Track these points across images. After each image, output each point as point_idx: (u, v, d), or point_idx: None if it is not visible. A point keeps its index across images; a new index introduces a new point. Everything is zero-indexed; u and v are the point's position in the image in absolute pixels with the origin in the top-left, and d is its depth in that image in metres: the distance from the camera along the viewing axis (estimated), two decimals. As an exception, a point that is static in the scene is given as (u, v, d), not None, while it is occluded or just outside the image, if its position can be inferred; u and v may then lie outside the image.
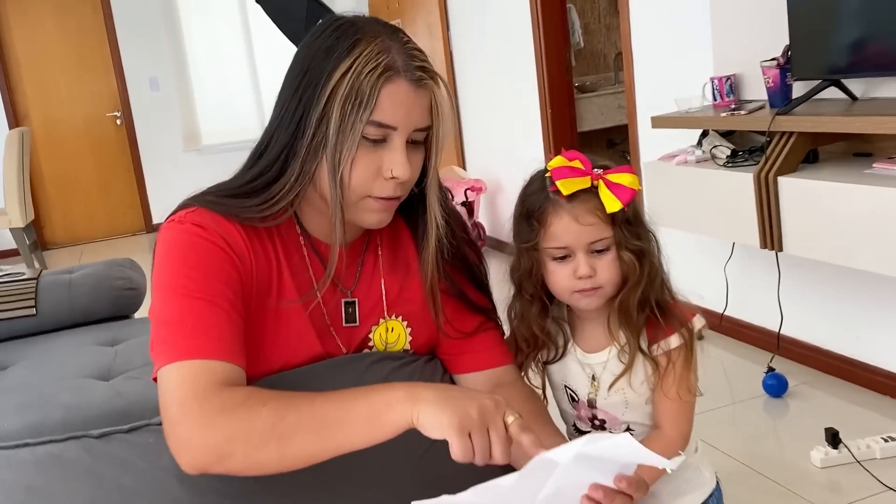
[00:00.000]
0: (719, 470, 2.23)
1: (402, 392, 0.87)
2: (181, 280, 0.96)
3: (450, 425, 0.84)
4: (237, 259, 1.00)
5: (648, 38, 3.33)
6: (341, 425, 0.87)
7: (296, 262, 1.08)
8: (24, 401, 1.98)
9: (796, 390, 2.64)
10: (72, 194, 7.07)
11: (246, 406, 0.88)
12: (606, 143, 4.95)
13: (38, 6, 6.80)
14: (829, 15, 2.33)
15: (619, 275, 1.09)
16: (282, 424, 0.86)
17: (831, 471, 2.16)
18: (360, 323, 1.12)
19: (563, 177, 1.06)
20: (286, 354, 1.05)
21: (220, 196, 1.04)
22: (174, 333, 0.93)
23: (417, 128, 1.02)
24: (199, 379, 0.89)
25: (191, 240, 0.99)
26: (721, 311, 3.12)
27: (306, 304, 1.06)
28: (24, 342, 2.43)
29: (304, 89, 1.00)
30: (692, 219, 2.75)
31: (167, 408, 0.90)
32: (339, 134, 0.98)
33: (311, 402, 0.89)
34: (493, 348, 1.19)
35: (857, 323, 2.59)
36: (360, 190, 1.01)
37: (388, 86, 0.98)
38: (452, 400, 0.86)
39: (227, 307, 0.96)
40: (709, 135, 2.75)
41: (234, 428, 0.86)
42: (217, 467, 0.87)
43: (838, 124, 2.19)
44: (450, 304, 1.16)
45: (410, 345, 1.16)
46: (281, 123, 1.03)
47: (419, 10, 5.45)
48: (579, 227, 1.06)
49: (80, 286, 2.56)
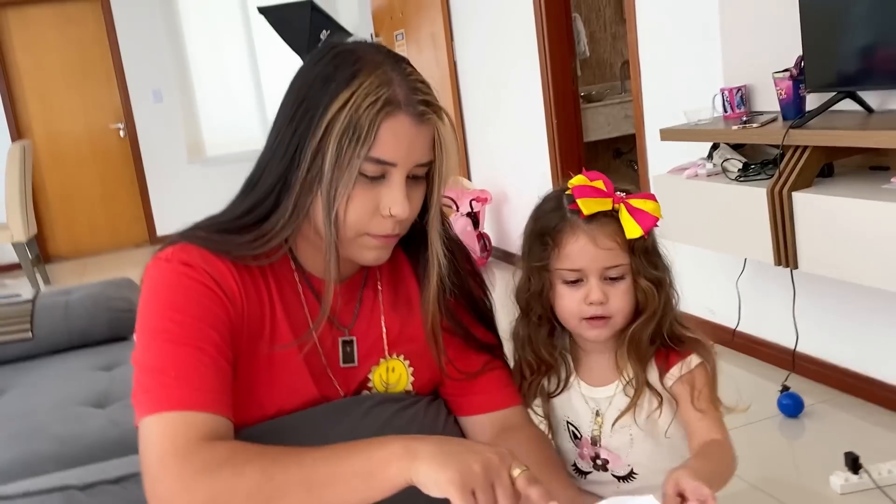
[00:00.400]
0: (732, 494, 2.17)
1: (398, 447, 0.82)
2: (165, 324, 0.91)
3: (451, 483, 0.78)
4: (227, 300, 0.94)
5: (656, 47, 3.27)
6: (333, 484, 0.81)
7: (290, 301, 1.01)
8: (16, 431, 1.93)
9: (813, 410, 2.57)
10: (75, 207, 7.03)
11: (230, 464, 0.82)
12: (613, 152, 4.88)
13: (40, 18, 6.78)
14: (843, 25, 2.26)
15: (631, 305, 1.04)
16: (269, 485, 0.81)
17: (851, 497, 2.08)
18: (358, 363, 1.06)
19: (585, 196, 1.01)
20: (280, 399, 0.99)
21: (211, 231, 0.98)
22: (156, 382, 0.88)
23: (418, 163, 0.96)
24: (181, 433, 0.84)
25: (177, 280, 0.93)
26: (733, 327, 3.04)
27: (301, 345, 1.00)
28: (19, 366, 2.38)
29: (300, 120, 0.94)
30: (703, 234, 2.68)
31: (148, 463, 0.85)
32: (334, 170, 0.92)
33: (300, 459, 0.83)
34: (500, 389, 1.12)
35: (876, 341, 2.52)
36: (356, 228, 0.95)
37: (388, 121, 0.92)
38: (453, 455, 0.81)
39: (213, 353, 0.90)
40: (720, 147, 2.68)
41: (218, 490, 0.81)
42: None
43: (855, 138, 2.12)
44: (453, 344, 1.09)
45: (412, 385, 1.10)
46: (275, 154, 0.97)
47: (423, 20, 5.40)
48: (596, 249, 1.01)
49: (76, 308, 2.51)
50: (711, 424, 1.03)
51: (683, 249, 3.18)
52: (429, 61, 5.41)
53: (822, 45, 2.31)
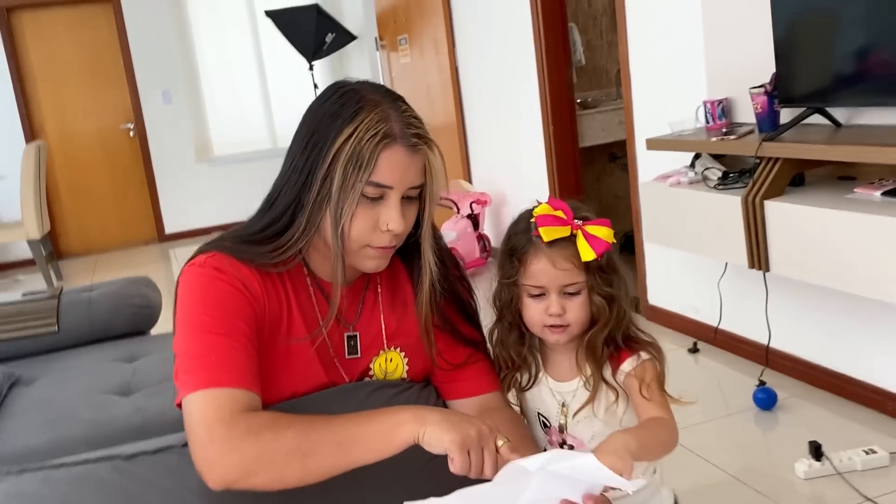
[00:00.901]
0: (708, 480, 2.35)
1: (409, 414, 1.02)
2: (202, 318, 1.08)
3: (453, 442, 0.99)
4: (253, 299, 1.12)
5: (645, 59, 3.44)
6: (357, 442, 1.01)
7: (304, 302, 1.20)
8: (49, 417, 2.10)
9: (786, 403, 2.74)
10: (86, 205, 7.23)
11: (271, 428, 1.01)
12: (608, 156, 5.04)
13: (53, 21, 6.97)
14: (813, 45, 2.43)
15: (587, 315, 1.21)
16: (305, 443, 1.00)
17: (814, 482, 2.26)
18: (361, 354, 1.24)
19: (546, 224, 1.17)
20: (295, 384, 1.17)
21: (236, 242, 1.16)
22: (197, 365, 1.05)
23: (411, 186, 1.13)
24: (223, 405, 1.02)
25: (211, 282, 1.11)
26: (715, 325, 3.22)
27: (314, 339, 1.18)
28: (46, 358, 2.56)
29: (311, 149, 1.12)
30: (685, 238, 2.85)
31: (195, 431, 1.02)
32: (341, 192, 1.10)
33: (330, 423, 1.02)
34: (482, 377, 1.30)
35: (845, 339, 2.69)
36: (359, 240, 1.13)
37: (386, 151, 1.10)
38: (455, 422, 1.01)
39: (244, 342, 1.08)
40: (701, 156, 2.86)
41: (262, 449, 0.99)
42: (243, 484, 1.00)
43: (822, 152, 2.30)
44: (442, 339, 1.27)
45: (407, 374, 1.28)
46: (290, 179, 1.15)
47: (426, 26, 5.57)
48: (555, 270, 1.18)
49: (99, 304, 2.69)
50: (656, 406, 1.18)
51: (670, 253, 3.38)
52: (431, 66, 5.57)
53: (794, 63, 2.48)
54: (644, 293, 3.68)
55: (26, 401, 2.22)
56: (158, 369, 2.34)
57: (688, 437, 2.59)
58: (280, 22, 6.82)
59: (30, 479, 1.15)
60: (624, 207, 4.58)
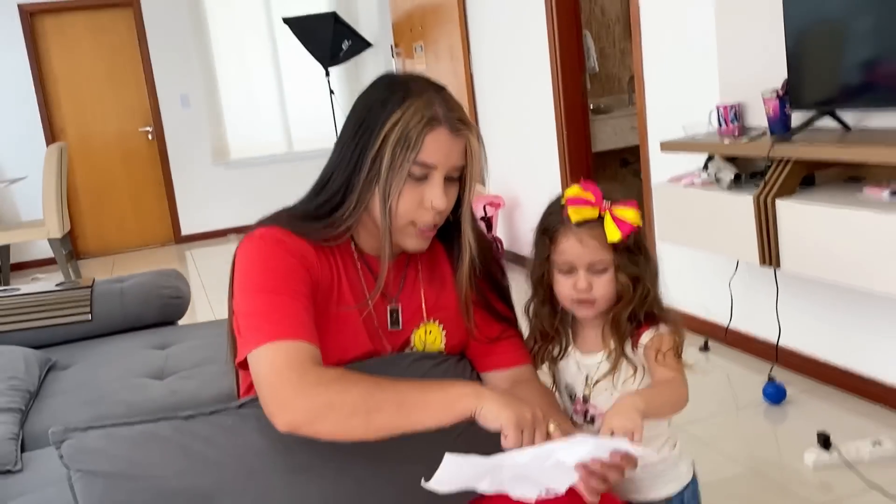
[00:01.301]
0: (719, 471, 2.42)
1: (470, 388, 1.11)
2: (264, 281, 1.17)
3: (508, 420, 1.06)
4: (309, 267, 1.22)
5: (659, 65, 3.54)
6: (419, 408, 1.08)
7: (352, 275, 1.29)
8: (87, 398, 2.20)
9: (794, 398, 2.82)
10: (105, 206, 7.35)
11: (340, 381, 1.09)
12: (620, 162, 5.14)
13: (74, 26, 7.10)
14: (824, 51, 2.53)
15: (613, 292, 1.29)
16: (371, 400, 1.07)
17: (823, 472, 2.34)
18: (402, 327, 1.33)
19: (576, 205, 1.26)
20: (342, 350, 1.26)
21: (292, 219, 1.26)
22: (263, 321, 1.14)
23: (454, 167, 1.23)
24: (293, 355, 1.10)
25: (271, 249, 1.20)
26: (726, 325, 3.30)
27: (360, 310, 1.27)
28: (80, 345, 2.66)
29: (362, 134, 1.21)
30: (698, 237, 2.94)
31: (266, 377, 1.10)
32: (389, 171, 1.19)
33: (396, 385, 1.10)
34: (514, 351, 1.39)
35: (854, 335, 2.77)
36: (405, 217, 1.23)
37: (431, 133, 1.19)
38: (512, 402, 1.09)
39: (304, 302, 1.17)
40: (714, 159, 2.94)
41: (330, 398, 1.07)
42: (309, 428, 1.07)
43: (832, 152, 2.38)
44: (478, 314, 1.37)
45: (445, 346, 1.37)
46: (341, 161, 1.24)
47: (441, 34, 5.68)
48: (582, 248, 1.26)
49: (131, 294, 2.79)
50: (668, 370, 1.26)
51: (682, 253, 3.46)
52: (446, 72, 5.68)
53: (805, 69, 2.57)
54: (656, 294, 3.75)
55: (64, 383, 2.32)
56: (191, 355, 2.43)
57: (698, 429, 2.68)
58: (297, 29, 6.93)
59: (94, 435, 1.23)
60: (636, 212, 4.67)
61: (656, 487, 1.38)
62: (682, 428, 2.69)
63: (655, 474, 1.38)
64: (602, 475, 1.07)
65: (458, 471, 1.05)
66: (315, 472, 1.20)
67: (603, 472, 1.07)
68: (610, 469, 1.07)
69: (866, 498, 2.20)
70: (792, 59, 2.59)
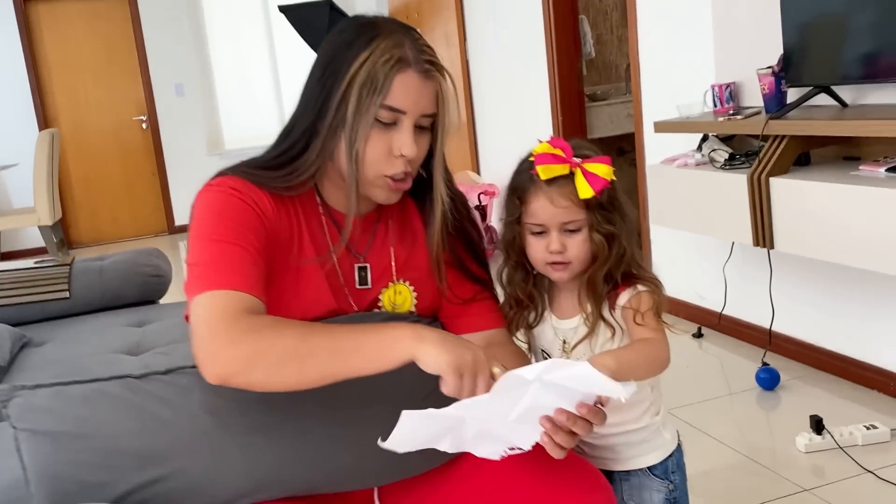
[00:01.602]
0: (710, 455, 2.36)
1: (409, 330, 1.02)
2: (217, 228, 1.11)
3: (448, 364, 0.98)
4: (265, 218, 1.15)
5: (654, 47, 3.48)
6: (354, 352, 1.01)
7: (315, 228, 1.23)
8: (59, 372, 2.14)
9: (788, 384, 2.76)
10: (98, 196, 7.29)
11: (272, 328, 1.02)
12: (617, 151, 5.07)
13: (69, 13, 7.05)
14: (820, 26, 2.46)
15: (588, 253, 1.22)
16: (303, 346, 1.00)
17: (815, 455, 2.27)
18: (371, 285, 1.27)
19: (544, 163, 1.19)
20: (304, 307, 1.19)
21: (251, 167, 1.20)
22: (208, 270, 1.08)
23: (424, 114, 1.16)
24: (230, 305, 1.03)
25: (226, 198, 1.14)
26: (720, 311, 3.24)
27: (323, 265, 1.21)
28: (58, 323, 2.60)
29: (327, 77, 1.15)
30: (691, 219, 2.88)
31: (198, 327, 1.03)
32: (355, 115, 1.12)
33: (331, 330, 1.03)
34: (488, 313, 1.33)
35: (849, 320, 2.71)
36: (374, 167, 1.16)
37: (399, 75, 1.12)
38: (452, 344, 1.01)
39: (253, 252, 1.10)
40: (708, 139, 2.88)
41: (261, 345, 1.00)
42: (239, 379, 1.01)
43: (826, 128, 2.32)
44: (451, 274, 1.30)
45: (416, 307, 1.30)
46: (306, 107, 1.18)
47: (437, 20, 5.62)
48: (553, 208, 1.19)
49: (110, 272, 2.73)
50: (647, 330, 1.19)
51: (676, 239, 3.40)
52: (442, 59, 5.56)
53: (801, 44, 2.51)
54: (650, 281, 3.69)
55: (37, 359, 2.26)
56: (168, 332, 2.37)
57: (689, 415, 2.62)
58: (293, 17, 6.84)
59: (43, 394, 1.18)
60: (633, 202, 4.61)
61: (638, 456, 1.32)
62: (674, 413, 2.64)
63: (637, 441, 1.31)
64: (568, 429, 1.00)
65: (416, 429, 0.98)
66: (273, 433, 1.14)
67: (569, 427, 1.00)
68: (576, 423, 1.00)
69: (859, 482, 2.14)
70: (788, 35, 2.53)
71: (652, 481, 1.33)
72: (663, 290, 1.25)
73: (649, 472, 1.33)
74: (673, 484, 1.34)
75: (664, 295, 1.24)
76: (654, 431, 1.33)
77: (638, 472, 1.33)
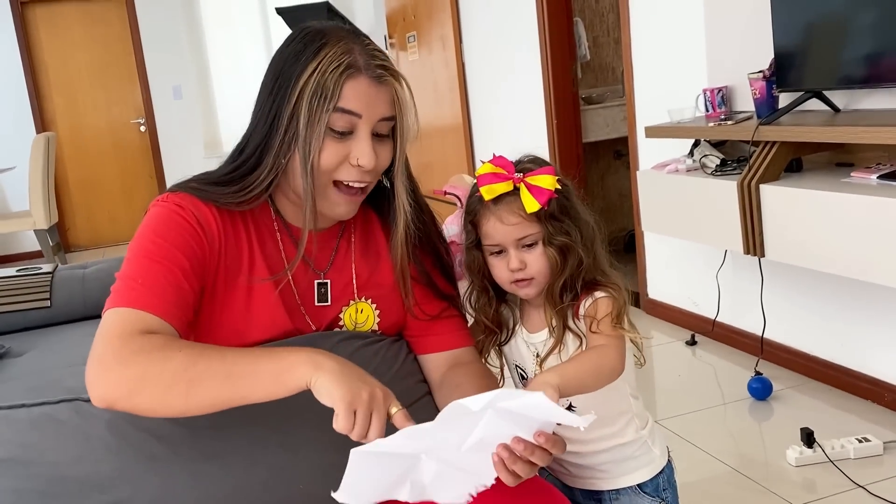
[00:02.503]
0: (700, 468, 2.32)
1: (305, 356, 0.97)
2: (147, 245, 1.08)
3: (341, 399, 0.93)
4: (206, 239, 1.11)
5: (648, 51, 3.43)
6: (247, 378, 0.96)
7: (269, 245, 1.18)
8: (31, 385, 2.09)
9: (781, 394, 2.70)
10: (95, 199, 7.27)
11: (162, 350, 0.97)
12: (613, 154, 5.02)
13: (66, 16, 7.03)
14: (811, 30, 2.41)
15: (548, 265, 1.18)
16: (193, 369, 0.95)
17: (806, 469, 2.22)
18: (331, 302, 1.22)
19: (487, 183, 1.16)
20: (259, 329, 1.15)
21: (202, 184, 1.16)
22: (125, 286, 1.04)
23: (382, 118, 1.12)
24: (129, 323, 0.99)
25: (167, 215, 1.11)
26: (713, 318, 3.19)
27: (277, 283, 1.17)
28: (38, 332, 2.56)
29: (277, 91, 1.11)
30: (682, 226, 2.83)
31: (95, 343, 1.00)
32: (308, 127, 1.08)
33: (223, 353, 0.98)
34: (455, 331, 1.28)
35: (842, 329, 2.65)
36: (327, 174, 1.11)
37: (350, 81, 1.08)
38: (349, 377, 0.95)
39: (178, 274, 1.06)
40: (700, 144, 2.84)
41: (147, 368, 0.95)
42: (125, 403, 0.96)
43: (817, 134, 2.27)
44: (418, 289, 1.26)
45: (378, 326, 1.26)
46: (258, 123, 1.14)
47: (433, 24, 5.58)
48: (504, 226, 1.16)
49: (92, 280, 2.69)
50: (600, 337, 1.14)
51: (669, 246, 3.35)
52: (438, 62, 5.58)
53: (793, 48, 2.46)
54: (644, 287, 3.65)
55: (13, 370, 2.22)
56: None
57: (680, 425, 2.57)
58: (290, 19, 6.83)
59: (-10, 419, 1.14)
60: (628, 206, 4.55)
61: (627, 473, 1.28)
62: (664, 423, 2.59)
63: (625, 458, 1.27)
64: (526, 459, 0.96)
65: (371, 470, 0.93)
66: (223, 460, 1.10)
67: (526, 457, 0.95)
68: (534, 452, 0.95)
69: (851, 496, 2.09)
70: (779, 39, 2.48)
71: (642, 499, 1.29)
72: (623, 294, 1.20)
73: (639, 490, 1.28)
74: (665, 502, 1.30)
75: (624, 300, 1.20)
76: (643, 447, 1.29)
77: (627, 490, 1.28)
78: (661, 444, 1.33)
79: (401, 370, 1.24)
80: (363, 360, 1.19)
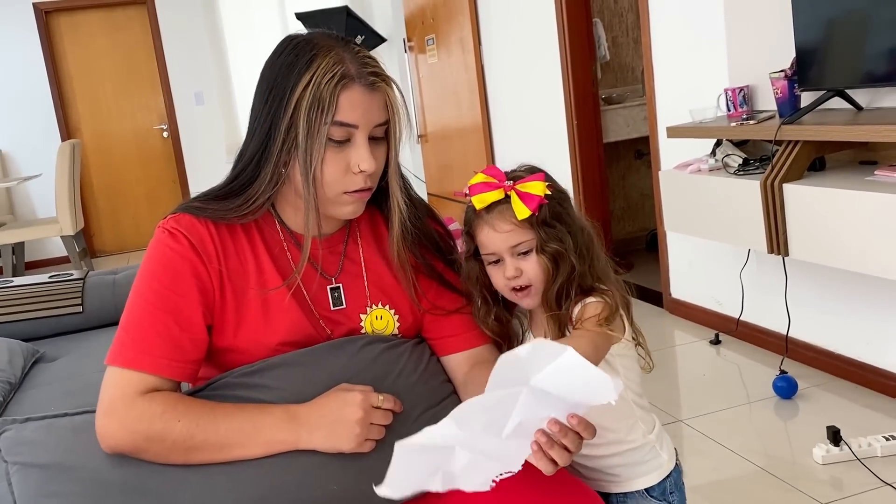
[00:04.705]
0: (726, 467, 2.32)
1: (280, 418, 1.12)
2: (143, 289, 1.15)
3: (350, 449, 1.10)
4: (201, 262, 1.15)
5: (668, 51, 3.43)
6: (239, 448, 1.11)
7: (276, 253, 1.22)
8: (70, 388, 2.15)
9: (806, 392, 2.70)
10: (120, 204, 7.36)
11: (163, 419, 1.09)
12: (634, 153, 5.02)
13: (90, 25, 7.12)
14: (833, 28, 2.41)
15: (545, 272, 1.19)
16: (190, 441, 1.09)
17: (833, 467, 2.22)
18: (346, 305, 1.25)
19: (477, 192, 1.18)
20: (280, 334, 1.19)
21: (204, 201, 1.19)
22: (125, 338, 1.13)
23: (377, 123, 1.15)
24: (129, 387, 1.11)
25: (162, 251, 1.16)
26: (737, 317, 3.19)
27: (287, 287, 1.20)
28: (71, 337, 2.61)
29: (272, 103, 1.13)
30: (705, 225, 2.83)
31: (102, 399, 1.11)
32: (307, 139, 1.11)
33: (217, 426, 1.10)
34: (473, 329, 1.30)
35: (868, 327, 2.65)
36: (333, 186, 1.15)
37: (345, 92, 1.11)
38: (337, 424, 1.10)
39: (170, 322, 1.13)
40: (722, 144, 2.84)
41: (150, 436, 1.09)
42: (132, 455, 1.11)
43: (840, 133, 2.27)
44: (432, 287, 1.29)
45: (398, 330, 1.28)
46: (255, 134, 1.16)
47: (452, 26, 5.60)
48: (497, 234, 1.18)
49: (123, 286, 2.73)
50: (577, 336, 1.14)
51: (693, 245, 3.35)
52: (458, 64, 5.60)
53: (814, 47, 2.46)
54: (667, 287, 3.65)
55: (49, 375, 2.27)
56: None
57: (706, 424, 2.58)
58: (310, 24, 6.88)
59: (33, 427, 1.18)
60: (650, 206, 4.55)
61: (635, 477, 1.29)
62: (689, 423, 2.60)
63: (633, 462, 1.28)
64: (561, 444, 0.97)
65: (412, 464, 0.95)
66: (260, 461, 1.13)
67: (560, 438, 0.96)
68: (567, 435, 0.97)
69: (878, 494, 2.09)
70: (801, 37, 2.47)
71: (649, 503, 1.30)
72: (618, 300, 1.20)
73: (646, 494, 1.30)
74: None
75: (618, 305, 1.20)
76: (650, 451, 1.30)
77: (635, 494, 1.29)
78: (669, 447, 1.34)
79: (426, 371, 1.27)
80: (387, 363, 1.23)
